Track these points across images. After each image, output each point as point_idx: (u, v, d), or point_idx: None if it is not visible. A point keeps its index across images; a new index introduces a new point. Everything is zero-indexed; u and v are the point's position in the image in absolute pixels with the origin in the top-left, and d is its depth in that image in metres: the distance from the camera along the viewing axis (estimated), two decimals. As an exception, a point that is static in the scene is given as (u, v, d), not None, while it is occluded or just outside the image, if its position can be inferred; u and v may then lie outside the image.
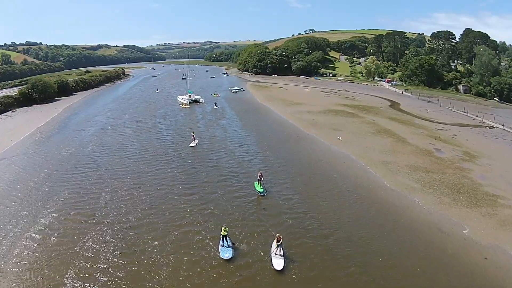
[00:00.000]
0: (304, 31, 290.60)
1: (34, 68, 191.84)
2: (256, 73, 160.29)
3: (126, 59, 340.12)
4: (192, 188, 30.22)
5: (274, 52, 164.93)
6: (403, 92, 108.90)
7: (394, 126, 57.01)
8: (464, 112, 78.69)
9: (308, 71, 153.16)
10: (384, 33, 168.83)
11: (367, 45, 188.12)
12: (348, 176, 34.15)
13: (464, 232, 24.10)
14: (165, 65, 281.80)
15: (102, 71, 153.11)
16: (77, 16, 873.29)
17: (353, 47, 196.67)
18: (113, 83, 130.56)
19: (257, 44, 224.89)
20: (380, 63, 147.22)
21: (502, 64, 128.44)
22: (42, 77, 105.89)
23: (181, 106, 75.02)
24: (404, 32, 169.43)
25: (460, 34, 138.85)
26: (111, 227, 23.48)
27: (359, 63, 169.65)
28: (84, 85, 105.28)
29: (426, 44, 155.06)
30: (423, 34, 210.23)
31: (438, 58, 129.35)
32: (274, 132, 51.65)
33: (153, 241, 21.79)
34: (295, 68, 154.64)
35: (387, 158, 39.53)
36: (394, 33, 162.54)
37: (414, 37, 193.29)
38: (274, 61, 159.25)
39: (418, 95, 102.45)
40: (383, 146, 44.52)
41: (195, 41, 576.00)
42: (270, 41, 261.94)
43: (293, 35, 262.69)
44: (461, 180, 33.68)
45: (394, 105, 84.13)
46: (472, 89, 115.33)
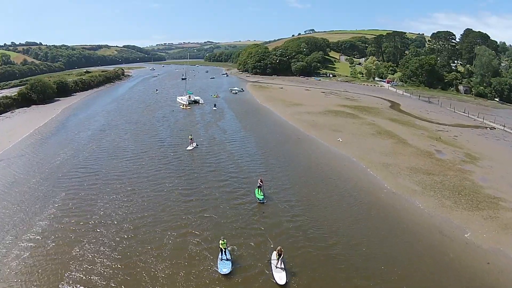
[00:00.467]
0: (304, 31, 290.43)
1: (34, 68, 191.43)
2: (256, 73, 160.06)
3: (126, 59, 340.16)
4: (190, 194, 29.31)
5: (274, 52, 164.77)
6: (403, 93, 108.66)
7: (394, 127, 56.74)
8: (464, 112, 78.55)
9: (308, 71, 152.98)
10: (384, 33, 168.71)
11: (367, 45, 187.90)
12: (348, 178, 33.83)
13: (466, 236, 23.80)
14: (165, 65, 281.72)
15: (102, 71, 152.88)
16: (77, 16, 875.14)
17: (353, 47, 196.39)
18: (112, 83, 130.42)
19: (257, 44, 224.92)
20: (380, 64, 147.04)
21: (502, 64, 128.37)
22: (42, 77, 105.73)
23: (182, 107, 74.38)
24: (404, 33, 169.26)
25: (460, 35, 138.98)
26: (107, 234, 22.92)
27: (359, 64, 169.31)
28: (84, 86, 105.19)
29: (426, 45, 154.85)
30: (423, 34, 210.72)
31: (438, 58, 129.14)
32: (274, 134, 51.35)
33: (150, 251, 21.02)
34: (295, 69, 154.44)
35: (387, 160, 39.24)
36: (394, 33, 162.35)
37: (414, 37, 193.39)
38: (274, 61, 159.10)
39: (419, 96, 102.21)
40: (383, 147, 44.24)
41: (195, 41, 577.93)
42: (270, 42, 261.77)
43: (293, 35, 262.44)
44: (462, 182, 33.40)
45: (394, 105, 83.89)
46: (473, 90, 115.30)
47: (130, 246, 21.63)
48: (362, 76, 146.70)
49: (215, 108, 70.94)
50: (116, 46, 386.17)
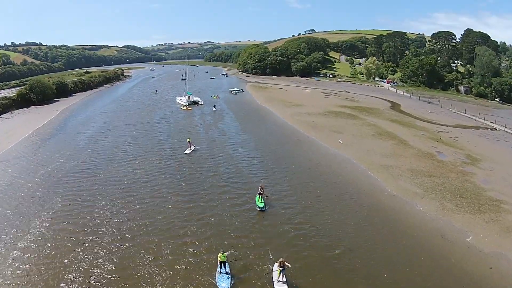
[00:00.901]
0: (304, 32, 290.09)
1: (33, 68, 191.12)
2: (256, 73, 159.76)
3: (126, 59, 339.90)
4: (189, 201, 28.44)
5: (274, 52, 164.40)
6: (404, 93, 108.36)
7: (395, 128, 56.48)
8: (465, 113, 78.30)
9: (308, 71, 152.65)
10: (385, 34, 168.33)
11: (367, 45, 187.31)
12: (349, 181, 33.58)
13: (468, 240, 23.56)
14: (165, 65, 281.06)
15: (102, 71, 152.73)
16: (77, 16, 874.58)
17: (353, 47, 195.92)
18: (112, 84, 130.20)
19: (257, 44, 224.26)
20: (380, 64, 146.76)
21: (502, 64, 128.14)
22: (42, 77, 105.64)
23: (182, 108, 73.92)
24: (405, 33, 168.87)
25: (461, 35, 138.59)
26: (103, 241, 22.41)
27: (359, 64, 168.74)
28: (83, 86, 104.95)
29: (427, 45, 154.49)
30: (423, 34, 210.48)
31: (438, 58, 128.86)
32: (274, 135, 51.09)
33: (147, 259, 20.70)
34: (295, 69, 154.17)
35: (388, 161, 38.98)
36: (395, 33, 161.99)
37: (414, 37, 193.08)
38: (274, 61, 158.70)
39: (419, 96, 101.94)
40: (384, 149, 43.98)
41: (195, 42, 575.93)
42: (270, 42, 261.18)
43: (293, 36, 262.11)
44: (463, 184, 33.15)
45: (394, 106, 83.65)
46: (473, 90, 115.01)
47: (127, 255, 21.13)
48: (362, 76, 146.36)
49: (214, 110, 70.52)
50: (116, 46, 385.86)
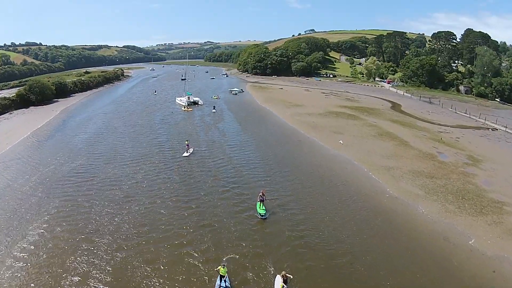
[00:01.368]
0: (304, 31, 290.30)
1: (33, 68, 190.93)
2: (256, 73, 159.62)
3: (126, 59, 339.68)
4: (188, 207, 27.42)
5: (274, 52, 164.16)
6: (404, 93, 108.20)
7: (396, 128, 56.23)
8: (466, 113, 78.11)
9: (308, 71, 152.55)
10: (385, 34, 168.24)
11: (367, 45, 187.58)
12: (350, 183, 33.24)
13: (470, 242, 23.30)
14: (165, 65, 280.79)
15: (102, 71, 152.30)
16: (77, 16, 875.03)
17: (354, 47, 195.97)
18: (112, 84, 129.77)
19: (257, 44, 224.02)
20: (381, 64, 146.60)
21: (503, 64, 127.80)
22: (42, 78, 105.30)
23: (182, 108, 73.52)
24: (405, 33, 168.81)
25: (461, 35, 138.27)
26: (100, 247, 21.91)
27: (360, 64, 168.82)
28: (83, 87, 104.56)
29: (427, 45, 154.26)
30: (424, 34, 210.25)
31: (439, 58, 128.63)
32: (274, 136, 50.78)
33: (144, 268, 20.05)
34: (295, 69, 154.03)
35: (389, 163, 38.71)
36: (395, 33, 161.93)
37: (414, 37, 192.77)
38: (274, 61, 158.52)
39: (420, 96, 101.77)
40: (385, 150, 43.73)
41: (195, 42, 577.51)
42: (270, 42, 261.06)
43: (293, 36, 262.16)
44: (465, 186, 32.90)
45: (395, 106, 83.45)
46: (473, 90, 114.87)
47: (124, 260, 20.64)
48: (363, 76, 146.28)
49: (214, 111, 69.97)
50: (116, 46, 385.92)
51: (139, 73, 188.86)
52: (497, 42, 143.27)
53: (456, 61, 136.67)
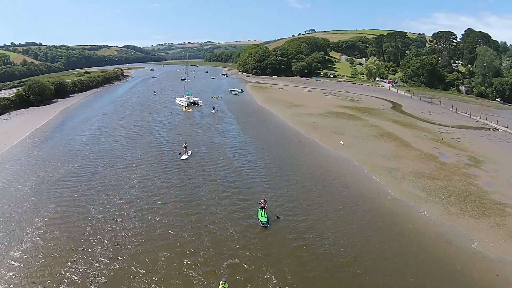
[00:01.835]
0: (305, 31, 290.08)
1: (33, 69, 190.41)
2: (256, 73, 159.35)
3: (126, 59, 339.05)
4: (187, 213, 26.53)
5: (274, 52, 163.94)
6: (405, 93, 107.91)
7: (396, 129, 55.97)
8: (466, 113, 77.78)
9: (308, 71, 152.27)
10: (385, 33, 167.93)
11: (367, 45, 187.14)
12: (352, 185, 32.91)
13: (473, 246, 23.04)
14: (165, 65, 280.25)
15: (101, 71, 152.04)
16: (77, 16, 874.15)
17: (354, 47, 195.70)
18: (111, 84, 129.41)
19: (257, 44, 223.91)
20: (381, 64, 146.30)
21: (503, 64, 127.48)
22: (41, 78, 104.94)
23: (183, 109, 73.02)
24: (405, 32, 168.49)
25: (461, 34, 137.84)
26: (97, 251, 21.51)
27: (360, 64, 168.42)
28: (82, 87, 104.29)
29: (427, 44, 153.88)
30: (424, 34, 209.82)
31: (439, 58, 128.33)
32: (275, 136, 50.50)
33: (141, 274, 19.59)
34: (295, 69, 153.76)
35: (391, 164, 38.43)
36: (395, 33, 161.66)
37: (414, 37, 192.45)
38: (274, 61, 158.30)
39: (420, 96, 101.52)
40: (386, 150, 43.47)
41: (195, 41, 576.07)
42: (270, 42, 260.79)
43: (293, 36, 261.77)
44: (467, 187, 32.64)
45: (395, 106, 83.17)
46: (474, 90, 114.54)
47: (121, 268, 20.03)
48: (363, 76, 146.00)
49: (213, 111, 69.34)
50: (116, 46, 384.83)
51: (139, 73, 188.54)
52: (498, 42, 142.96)
53: (457, 61, 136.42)
